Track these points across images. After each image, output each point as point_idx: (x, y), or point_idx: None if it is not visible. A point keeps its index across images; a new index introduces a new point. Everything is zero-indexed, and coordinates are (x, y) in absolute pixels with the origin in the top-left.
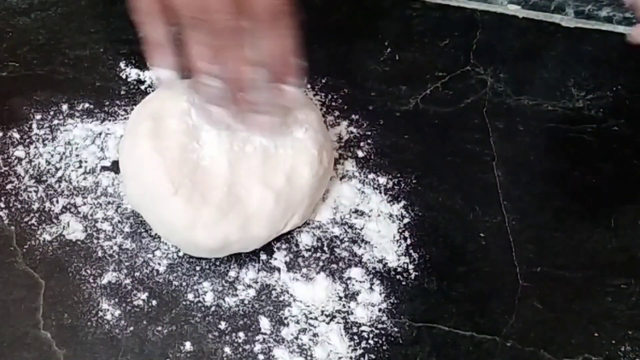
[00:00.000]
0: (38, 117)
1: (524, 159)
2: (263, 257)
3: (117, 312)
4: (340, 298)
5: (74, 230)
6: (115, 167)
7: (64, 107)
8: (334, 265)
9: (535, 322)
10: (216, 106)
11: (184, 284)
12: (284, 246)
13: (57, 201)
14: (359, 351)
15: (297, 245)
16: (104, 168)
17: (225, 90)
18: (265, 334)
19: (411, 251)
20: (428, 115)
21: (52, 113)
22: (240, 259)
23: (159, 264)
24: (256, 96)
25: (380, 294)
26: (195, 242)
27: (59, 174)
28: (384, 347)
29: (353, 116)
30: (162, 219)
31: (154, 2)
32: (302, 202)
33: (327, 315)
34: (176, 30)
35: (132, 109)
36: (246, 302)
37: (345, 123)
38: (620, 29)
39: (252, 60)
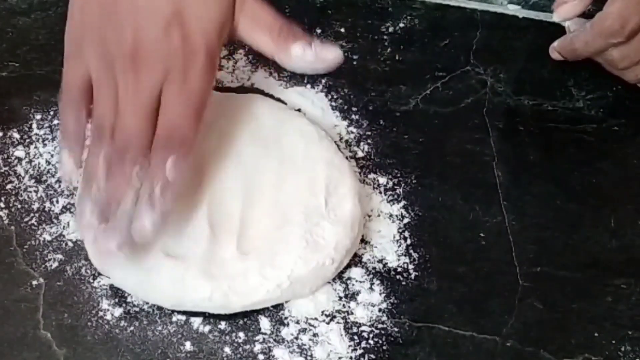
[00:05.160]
0: (38, 117)
1: (524, 159)
2: None
3: (117, 312)
4: (340, 298)
5: (74, 230)
6: None
7: None
8: None
9: (535, 322)
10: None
11: None
12: None
13: (57, 201)
14: (359, 351)
15: None
16: None
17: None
18: (265, 334)
19: (411, 251)
20: (428, 115)
21: (52, 113)
22: None
23: None
24: (122, 220)
25: (380, 294)
26: None
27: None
28: (384, 347)
29: (353, 116)
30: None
31: (84, 93)
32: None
33: (327, 315)
34: None
35: None
36: None
37: (345, 123)
38: None
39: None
